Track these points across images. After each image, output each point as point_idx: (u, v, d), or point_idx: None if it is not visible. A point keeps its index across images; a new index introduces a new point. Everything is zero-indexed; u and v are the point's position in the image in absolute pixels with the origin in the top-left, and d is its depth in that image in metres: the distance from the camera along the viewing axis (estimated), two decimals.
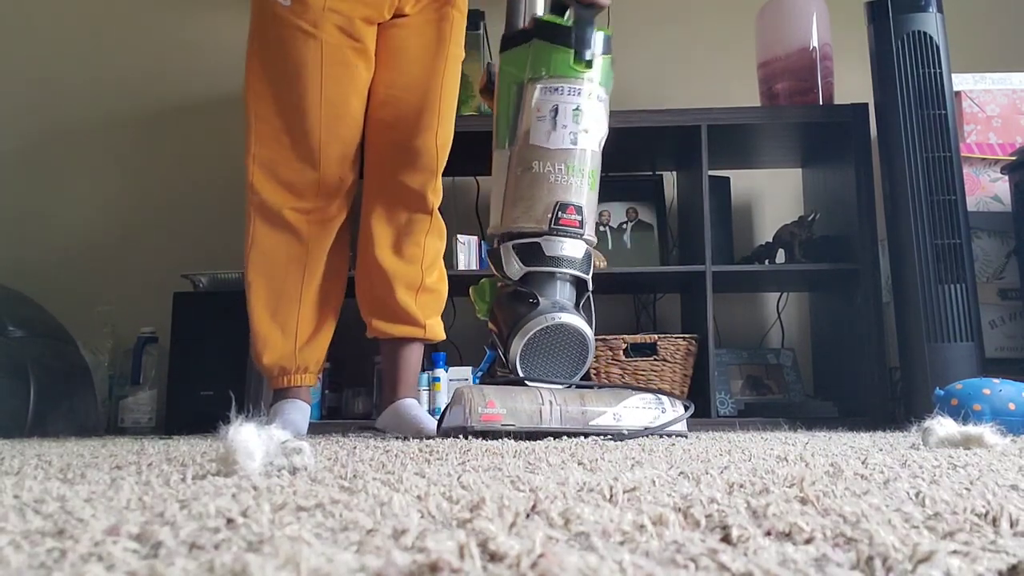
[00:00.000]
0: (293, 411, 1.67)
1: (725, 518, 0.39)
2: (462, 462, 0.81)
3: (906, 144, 1.95)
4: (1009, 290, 2.11)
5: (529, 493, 0.51)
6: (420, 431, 1.58)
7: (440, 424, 1.50)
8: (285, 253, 1.67)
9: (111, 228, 2.67)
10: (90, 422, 1.96)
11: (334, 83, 1.63)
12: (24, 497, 0.52)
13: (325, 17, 1.61)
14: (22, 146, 2.74)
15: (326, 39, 1.62)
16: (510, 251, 1.50)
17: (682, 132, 2.24)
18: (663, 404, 1.41)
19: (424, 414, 1.69)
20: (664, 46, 2.73)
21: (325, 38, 1.62)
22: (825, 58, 2.29)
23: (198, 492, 0.54)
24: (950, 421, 1.03)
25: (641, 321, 2.57)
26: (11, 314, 1.88)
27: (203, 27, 2.75)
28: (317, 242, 1.68)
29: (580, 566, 0.28)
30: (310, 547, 0.32)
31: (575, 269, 1.50)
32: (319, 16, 1.60)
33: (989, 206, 2.16)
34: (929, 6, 1.99)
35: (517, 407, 1.33)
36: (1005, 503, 0.44)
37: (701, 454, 0.91)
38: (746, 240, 2.57)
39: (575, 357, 1.46)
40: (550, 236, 1.49)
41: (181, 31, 2.77)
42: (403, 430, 1.64)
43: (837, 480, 0.59)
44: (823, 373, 2.45)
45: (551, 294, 1.48)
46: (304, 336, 1.69)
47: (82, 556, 0.32)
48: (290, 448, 0.70)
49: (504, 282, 1.52)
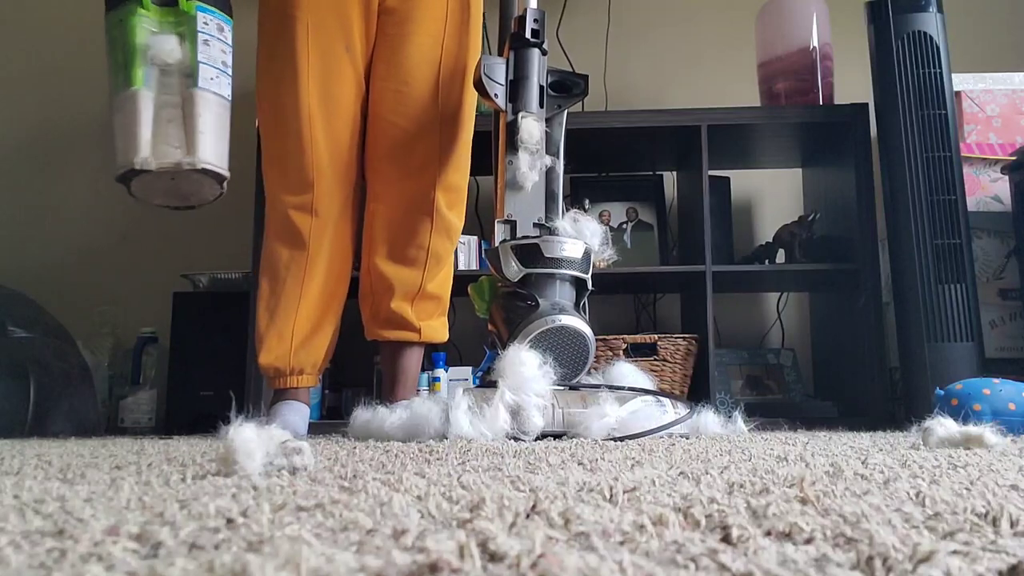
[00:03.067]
0: (290, 412, 1.65)
1: (725, 518, 0.39)
2: (462, 462, 0.81)
3: (906, 144, 1.95)
4: (1009, 290, 2.11)
5: (529, 493, 0.51)
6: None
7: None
8: (287, 255, 1.65)
9: (111, 228, 2.67)
10: (90, 422, 1.96)
11: (323, 75, 1.62)
12: (24, 497, 0.52)
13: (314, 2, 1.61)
14: (22, 146, 2.74)
15: (312, 23, 1.61)
16: (508, 252, 1.49)
17: (682, 132, 2.24)
18: (665, 407, 1.41)
19: None
20: (664, 46, 2.73)
21: (312, 21, 1.61)
22: (825, 58, 2.29)
23: (198, 492, 0.54)
24: (950, 421, 1.03)
25: (641, 321, 2.57)
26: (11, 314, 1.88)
27: None
28: (318, 243, 1.66)
29: (580, 566, 0.28)
30: (310, 547, 0.32)
31: (574, 270, 1.49)
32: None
33: (989, 206, 2.16)
34: (929, 6, 1.99)
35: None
36: (1005, 503, 0.44)
37: (701, 454, 0.91)
38: (746, 240, 2.57)
39: (576, 359, 1.46)
40: (548, 237, 1.49)
41: None
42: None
43: (837, 480, 0.59)
44: (823, 373, 2.45)
45: (551, 295, 1.47)
46: (300, 338, 1.67)
47: (82, 556, 0.32)
48: (290, 448, 0.70)
49: (503, 282, 1.52)
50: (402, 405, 1.38)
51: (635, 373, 1.52)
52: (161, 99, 1.47)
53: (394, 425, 1.33)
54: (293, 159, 1.63)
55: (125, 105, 1.46)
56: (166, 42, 1.49)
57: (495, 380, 1.33)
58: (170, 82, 1.49)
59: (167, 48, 1.49)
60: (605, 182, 2.55)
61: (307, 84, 1.62)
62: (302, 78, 1.61)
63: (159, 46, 1.48)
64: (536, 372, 1.32)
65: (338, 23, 1.64)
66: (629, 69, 2.71)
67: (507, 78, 1.61)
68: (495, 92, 1.59)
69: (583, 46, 2.68)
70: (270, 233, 1.67)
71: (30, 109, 2.75)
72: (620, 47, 2.71)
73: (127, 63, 1.47)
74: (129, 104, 1.46)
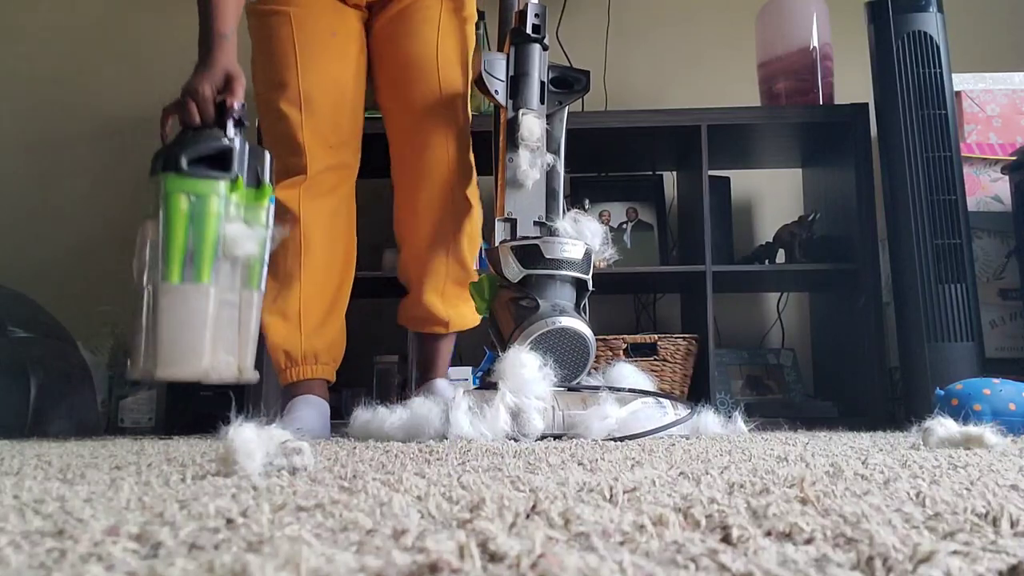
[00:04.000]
0: (306, 408, 1.56)
1: (725, 518, 0.39)
2: (462, 462, 0.81)
3: (906, 144, 1.95)
4: (1009, 290, 2.11)
5: (529, 493, 0.51)
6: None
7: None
8: (281, 230, 1.56)
9: (111, 228, 2.67)
10: (90, 422, 1.96)
11: (310, 49, 1.63)
12: (24, 497, 0.52)
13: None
14: (22, 146, 2.74)
15: (295, 13, 1.62)
16: (509, 252, 1.49)
17: (682, 132, 2.24)
18: (665, 408, 1.40)
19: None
20: (664, 46, 2.73)
21: (294, 12, 1.62)
22: (825, 58, 2.29)
23: (198, 492, 0.54)
24: (950, 421, 1.03)
25: (641, 321, 2.57)
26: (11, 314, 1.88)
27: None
28: (310, 214, 1.60)
29: (580, 566, 0.28)
30: (310, 547, 0.32)
31: (574, 270, 1.49)
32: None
33: (989, 206, 2.16)
34: (929, 6, 1.99)
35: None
36: (1005, 503, 0.44)
37: (701, 454, 0.91)
38: (746, 240, 2.57)
39: (576, 360, 1.46)
40: (549, 238, 1.49)
41: (182, 31, 2.77)
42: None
43: (837, 480, 0.59)
44: (823, 373, 2.45)
45: (551, 296, 1.47)
46: (311, 321, 1.60)
47: (82, 556, 0.32)
48: (290, 448, 0.70)
49: (503, 282, 1.51)
50: (402, 405, 1.38)
51: (635, 374, 1.52)
52: (220, 297, 1.27)
53: (394, 425, 1.33)
54: (284, 133, 1.60)
55: (187, 300, 1.24)
56: (241, 232, 1.28)
57: (495, 381, 1.33)
58: (228, 276, 1.28)
59: (242, 241, 1.27)
60: (605, 182, 2.55)
61: (295, 63, 1.61)
62: (290, 59, 1.61)
63: (235, 237, 1.27)
64: (536, 374, 1.32)
65: (324, 15, 1.64)
66: (629, 69, 2.71)
67: (508, 74, 1.61)
68: (496, 88, 1.59)
69: (583, 46, 2.68)
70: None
71: (30, 109, 2.75)
72: (620, 47, 2.71)
73: (196, 251, 1.25)
74: (193, 301, 1.24)
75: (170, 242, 1.27)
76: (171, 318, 1.25)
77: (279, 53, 1.62)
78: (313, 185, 1.61)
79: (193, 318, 1.25)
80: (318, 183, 1.62)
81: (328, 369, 1.64)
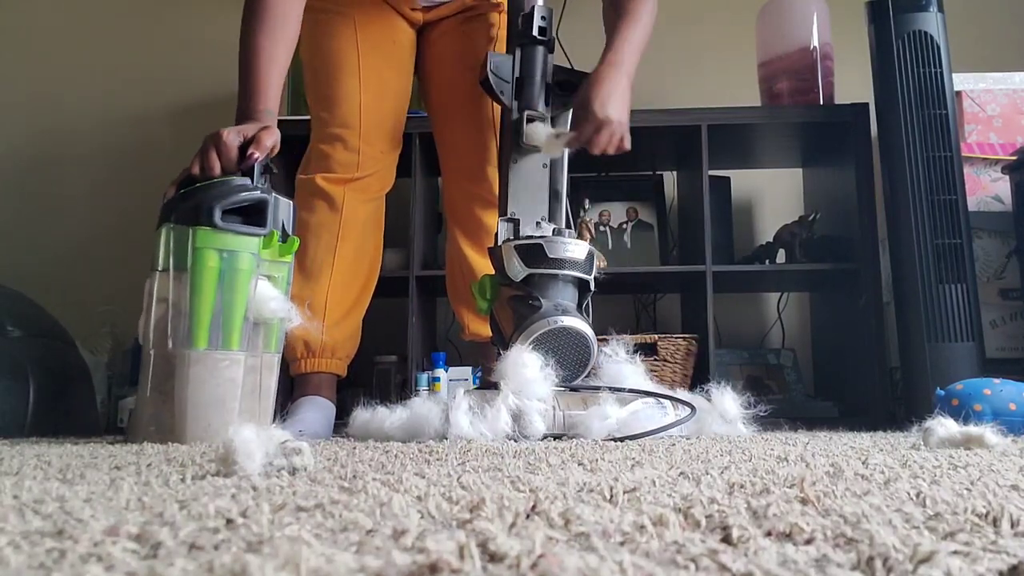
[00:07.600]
0: (310, 410, 1.55)
1: (725, 518, 0.39)
2: (462, 462, 0.81)
3: (906, 144, 1.95)
4: (1010, 290, 2.11)
5: (529, 493, 0.51)
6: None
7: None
8: (316, 220, 1.58)
9: (111, 228, 2.67)
10: (89, 422, 1.96)
11: (373, 56, 1.65)
12: (24, 497, 0.52)
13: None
14: (22, 145, 2.74)
15: (359, 17, 1.63)
16: (512, 251, 1.49)
17: (682, 132, 2.24)
18: (666, 409, 1.40)
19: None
20: (664, 46, 2.72)
21: (359, 16, 1.63)
22: (825, 58, 2.29)
23: (197, 492, 0.54)
24: (951, 421, 1.03)
25: (641, 321, 2.57)
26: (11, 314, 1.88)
27: (204, 26, 2.74)
28: (352, 210, 1.61)
29: (580, 566, 0.28)
30: (310, 547, 0.31)
31: (578, 270, 1.49)
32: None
33: (990, 206, 2.16)
34: (930, 6, 1.99)
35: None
36: (1006, 503, 0.44)
37: (701, 454, 0.91)
38: (746, 240, 2.57)
39: (578, 360, 1.45)
40: (552, 238, 1.49)
41: (183, 30, 2.77)
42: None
43: (838, 480, 0.59)
44: (823, 373, 2.45)
45: (553, 296, 1.47)
46: (334, 315, 1.60)
47: (81, 556, 0.32)
48: (290, 448, 0.70)
49: (505, 281, 1.51)
50: (402, 405, 1.38)
51: (636, 374, 1.52)
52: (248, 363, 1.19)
53: (394, 425, 1.33)
54: (339, 135, 1.61)
55: (216, 370, 1.16)
56: (270, 293, 1.20)
57: (496, 381, 1.33)
58: (253, 340, 1.22)
59: (271, 303, 1.20)
60: (605, 182, 2.55)
61: (357, 68, 1.62)
62: (352, 63, 1.63)
63: (264, 299, 1.19)
64: (538, 374, 1.31)
65: (385, 23, 1.67)
66: None
67: (513, 75, 1.61)
68: (501, 90, 1.59)
69: (583, 46, 2.67)
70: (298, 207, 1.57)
71: (30, 109, 2.75)
72: None
73: (227, 317, 1.17)
74: (223, 370, 1.16)
75: (197, 303, 1.14)
76: (197, 389, 1.14)
77: (341, 54, 1.63)
78: (361, 186, 1.64)
79: (222, 390, 1.15)
80: (366, 185, 1.65)
81: (342, 364, 1.65)
